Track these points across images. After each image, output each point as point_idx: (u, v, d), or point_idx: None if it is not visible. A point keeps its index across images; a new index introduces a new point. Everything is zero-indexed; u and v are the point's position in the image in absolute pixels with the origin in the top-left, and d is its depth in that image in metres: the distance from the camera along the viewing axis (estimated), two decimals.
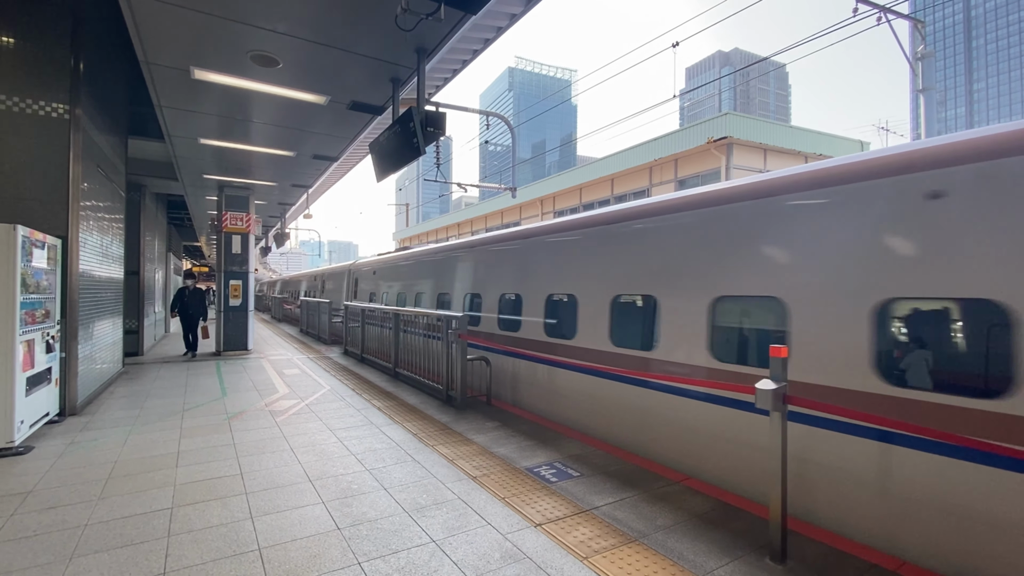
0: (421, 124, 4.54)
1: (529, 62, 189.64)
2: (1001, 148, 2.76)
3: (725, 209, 4.17)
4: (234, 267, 11.26)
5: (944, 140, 3.06)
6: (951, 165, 2.92)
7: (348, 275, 16.19)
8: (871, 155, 3.41)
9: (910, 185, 3.05)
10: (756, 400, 2.78)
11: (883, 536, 3.02)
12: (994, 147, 2.79)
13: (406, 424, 5.52)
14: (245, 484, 3.84)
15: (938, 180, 2.95)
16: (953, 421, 2.77)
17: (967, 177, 2.83)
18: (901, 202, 3.08)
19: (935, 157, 3.00)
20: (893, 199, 3.11)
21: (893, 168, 3.17)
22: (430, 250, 10.28)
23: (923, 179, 3.01)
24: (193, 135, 7.51)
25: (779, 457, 2.79)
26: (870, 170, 3.28)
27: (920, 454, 2.89)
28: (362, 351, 10.11)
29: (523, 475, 4.05)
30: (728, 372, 3.91)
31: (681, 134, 17.19)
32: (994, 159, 2.76)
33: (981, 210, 2.77)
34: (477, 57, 9.03)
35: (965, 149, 2.91)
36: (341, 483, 3.87)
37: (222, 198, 11.12)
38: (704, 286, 4.21)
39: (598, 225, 5.53)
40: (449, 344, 6.49)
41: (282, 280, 26.02)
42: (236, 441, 4.90)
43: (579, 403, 5.48)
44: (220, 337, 11.11)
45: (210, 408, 6.23)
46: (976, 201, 2.79)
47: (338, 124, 6.94)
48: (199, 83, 5.63)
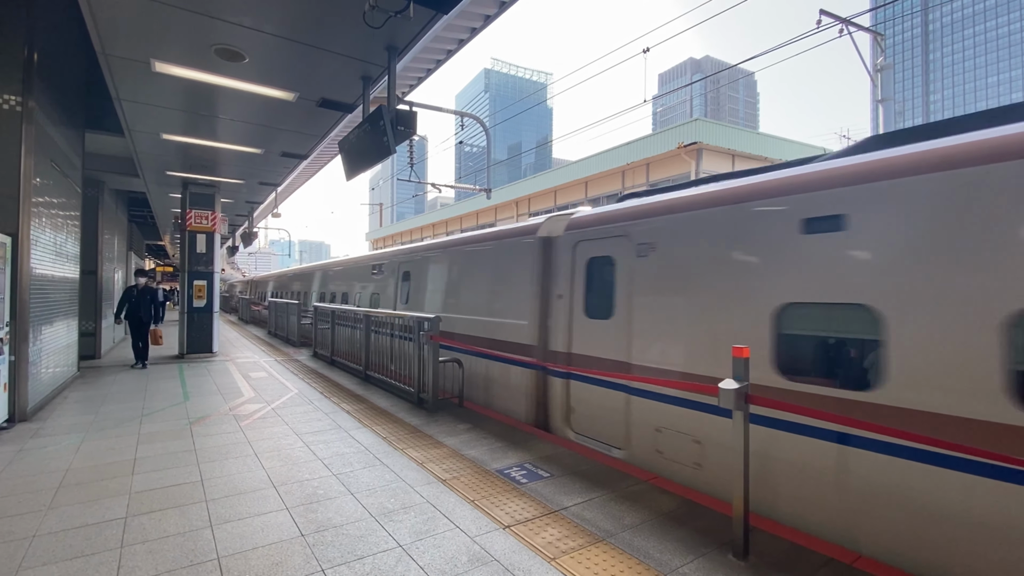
0: (391, 123, 4.49)
1: (505, 64, 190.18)
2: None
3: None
4: (199, 267, 10.92)
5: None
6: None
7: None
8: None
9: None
10: (720, 400, 2.84)
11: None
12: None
13: (376, 428, 5.44)
14: (205, 491, 3.72)
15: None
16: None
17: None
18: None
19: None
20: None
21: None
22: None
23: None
24: (155, 130, 7.25)
25: (741, 456, 2.86)
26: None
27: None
28: (332, 354, 9.93)
29: (493, 477, 4.03)
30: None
31: (653, 139, 17.50)
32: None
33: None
34: (451, 57, 9.00)
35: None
36: (306, 488, 3.79)
37: (186, 195, 10.77)
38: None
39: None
40: (421, 346, 6.43)
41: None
42: (197, 447, 4.75)
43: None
44: (184, 339, 10.75)
45: (171, 413, 6.01)
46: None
47: (307, 121, 6.81)
48: (160, 76, 5.44)
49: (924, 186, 2.85)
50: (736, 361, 2.87)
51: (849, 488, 3.03)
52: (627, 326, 4.54)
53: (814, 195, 3.33)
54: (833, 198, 3.23)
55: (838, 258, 3.17)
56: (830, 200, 3.24)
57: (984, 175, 2.65)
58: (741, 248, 3.73)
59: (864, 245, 3.06)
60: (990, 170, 2.63)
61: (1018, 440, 2.45)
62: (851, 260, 3.11)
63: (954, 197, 2.72)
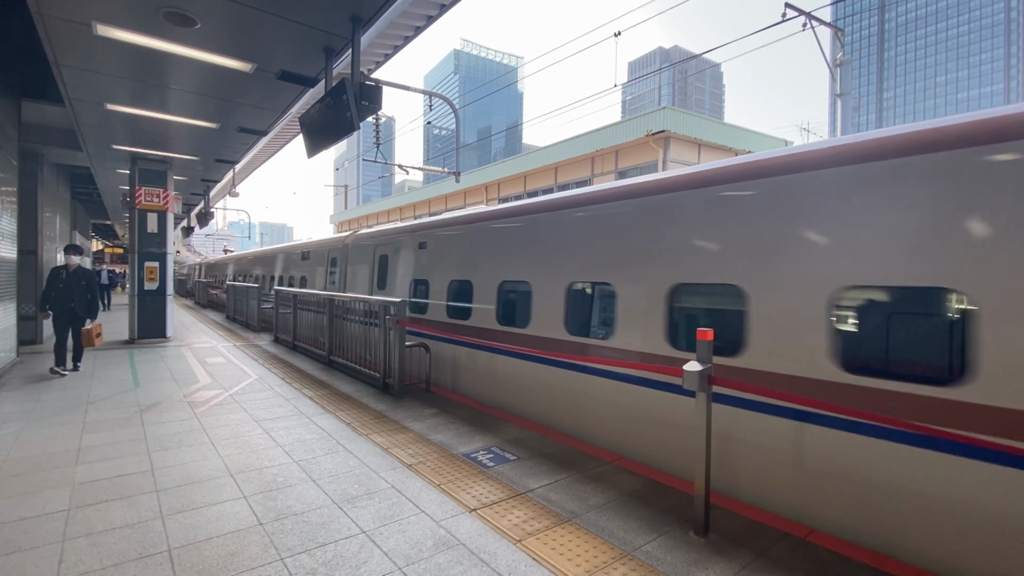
0: (355, 97, 4.30)
1: (475, 45, 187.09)
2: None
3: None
4: (151, 248, 10.37)
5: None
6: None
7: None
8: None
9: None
10: (684, 382, 2.87)
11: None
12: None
13: (339, 413, 5.32)
14: (156, 481, 3.55)
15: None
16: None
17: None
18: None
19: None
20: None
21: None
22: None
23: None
24: (98, 99, 6.76)
25: (703, 436, 2.91)
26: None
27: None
28: (294, 339, 9.65)
29: (460, 461, 4.00)
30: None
31: (622, 126, 17.55)
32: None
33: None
34: (419, 34, 8.69)
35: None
36: (265, 476, 3.66)
37: (135, 171, 10.16)
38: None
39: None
40: (387, 330, 6.31)
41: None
42: (148, 435, 4.53)
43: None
44: (134, 324, 10.23)
45: (119, 400, 5.72)
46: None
47: (266, 95, 6.48)
48: (103, 40, 5.04)
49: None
50: (700, 344, 2.91)
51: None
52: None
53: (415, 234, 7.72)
54: (416, 234, 7.62)
55: (426, 262, 7.27)
56: (421, 234, 7.66)
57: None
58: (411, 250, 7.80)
59: (429, 257, 7.38)
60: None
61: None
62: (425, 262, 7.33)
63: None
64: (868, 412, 2.79)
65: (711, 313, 4.00)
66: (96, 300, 7.25)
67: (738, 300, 3.57)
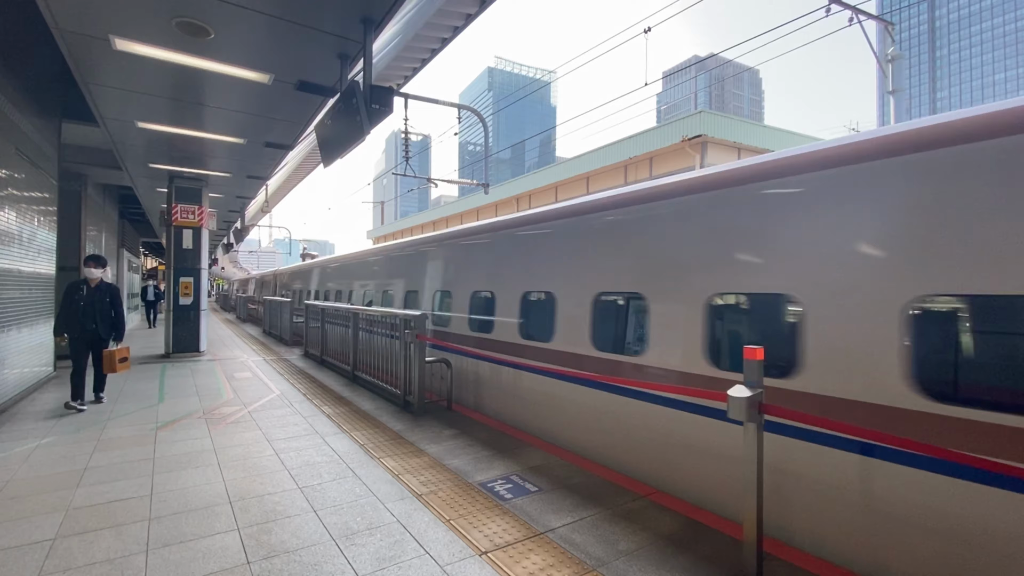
0: (365, 101, 4.08)
1: (508, 62, 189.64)
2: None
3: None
4: (185, 263, 10.56)
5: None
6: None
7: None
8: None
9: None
10: (728, 409, 2.43)
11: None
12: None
13: (355, 433, 5.05)
14: (152, 508, 3.33)
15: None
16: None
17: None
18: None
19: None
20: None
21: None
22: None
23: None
24: (128, 118, 6.88)
25: (754, 474, 2.45)
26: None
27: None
28: (322, 353, 9.56)
29: (475, 491, 3.63)
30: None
31: (656, 132, 17.02)
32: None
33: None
34: (446, 46, 8.59)
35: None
36: (265, 505, 3.40)
37: (172, 189, 10.41)
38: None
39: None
40: (406, 345, 6.04)
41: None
42: (157, 455, 4.37)
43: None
44: (169, 338, 10.39)
45: (140, 416, 5.64)
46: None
47: (287, 107, 6.41)
48: (124, 56, 5.05)
49: None
50: (748, 364, 2.46)
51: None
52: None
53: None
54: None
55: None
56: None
57: None
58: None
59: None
60: None
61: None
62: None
63: None
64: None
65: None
66: (121, 318, 6.25)
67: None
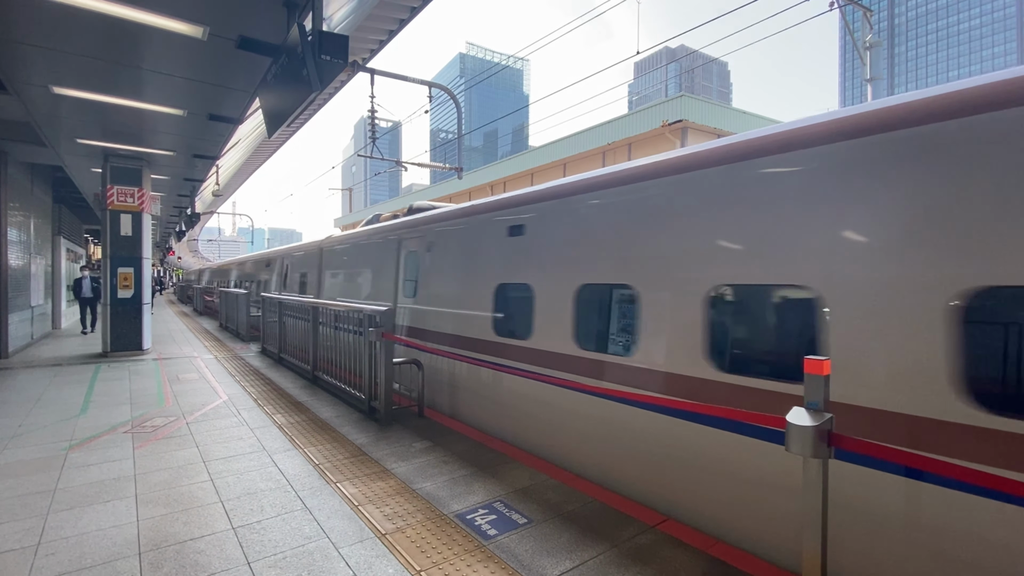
0: (314, 49, 3.32)
1: (481, 48, 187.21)
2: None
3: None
4: (124, 252, 9.49)
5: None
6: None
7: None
8: None
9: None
10: (788, 442, 1.86)
11: None
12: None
13: (310, 449, 4.35)
14: (33, 565, 2.59)
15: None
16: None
17: None
18: None
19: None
20: None
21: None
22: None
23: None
24: (41, 81, 5.86)
25: (819, 514, 1.90)
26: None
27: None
28: (280, 350, 8.71)
29: (451, 527, 3.01)
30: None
31: (634, 117, 16.53)
32: None
33: None
34: (415, 16, 7.77)
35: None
36: (184, 557, 2.69)
37: (107, 169, 9.29)
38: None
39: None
40: (371, 344, 5.34)
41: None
42: (60, 485, 3.57)
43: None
44: (107, 336, 9.34)
45: (52, 432, 4.78)
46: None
47: (230, 71, 5.54)
48: (28, 3, 4.14)
49: None
50: (811, 380, 1.89)
51: None
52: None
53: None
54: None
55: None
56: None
57: None
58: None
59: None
60: None
61: None
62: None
63: None
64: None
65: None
66: None
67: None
